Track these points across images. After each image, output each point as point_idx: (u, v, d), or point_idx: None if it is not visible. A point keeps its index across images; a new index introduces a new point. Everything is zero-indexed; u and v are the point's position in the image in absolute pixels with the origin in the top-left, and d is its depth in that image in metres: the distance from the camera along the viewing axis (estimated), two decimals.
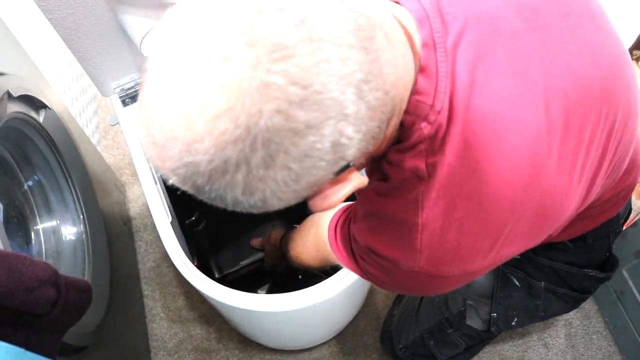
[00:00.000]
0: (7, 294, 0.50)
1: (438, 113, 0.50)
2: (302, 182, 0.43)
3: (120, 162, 1.80)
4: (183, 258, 0.92)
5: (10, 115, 0.89)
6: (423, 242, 0.55)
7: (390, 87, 0.46)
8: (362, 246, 0.63)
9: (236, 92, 0.38)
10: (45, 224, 1.12)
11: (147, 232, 1.64)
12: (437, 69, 0.50)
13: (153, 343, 1.47)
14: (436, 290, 0.65)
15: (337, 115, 0.41)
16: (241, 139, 0.39)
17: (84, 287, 0.64)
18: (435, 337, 1.15)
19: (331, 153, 0.42)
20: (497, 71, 0.51)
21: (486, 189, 0.52)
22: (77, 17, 0.88)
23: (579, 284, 0.95)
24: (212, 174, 0.41)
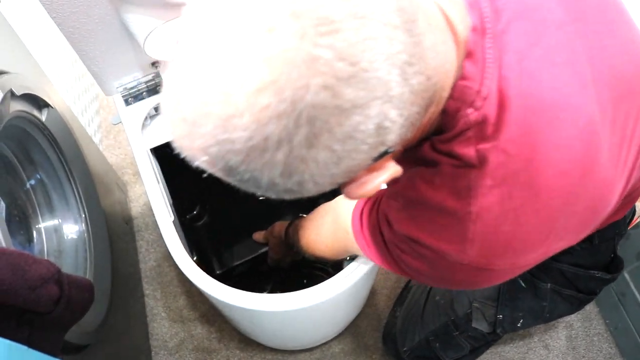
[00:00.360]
0: (10, 291, 0.51)
1: (484, 99, 0.49)
2: (341, 166, 0.41)
3: (122, 162, 1.80)
4: (185, 258, 0.92)
5: (13, 114, 0.89)
6: (476, 233, 0.53)
7: (432, 72, 0.44)
8: (401, 235, 0.61)
9: (282, 64, 0.36)
10: (47, 223, 1.12)
11: (149, 232, 1.64)
12: (484, 55, 0.49)
13: (154, 342, 1.47)
14: (480, 284, 0.62)
15: (382, 96, 0.39)
16: (285, 114, 0.37)
17: (86, 285, 0.65)
18: (441, 339, 1.15)
19: (374, 136, 0.40)
20: (547, 60, 0.50)
21: (542, 179, 0.51)
22: (80, 15, 0.89)
23: (585, 285, 0.95)
24: (250, 152, 0.39)
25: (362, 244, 0.72)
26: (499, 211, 0.51)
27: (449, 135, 0.52)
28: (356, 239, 0.73)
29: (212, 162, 0.41)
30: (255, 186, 0.43)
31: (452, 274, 0.59)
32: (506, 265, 0.56)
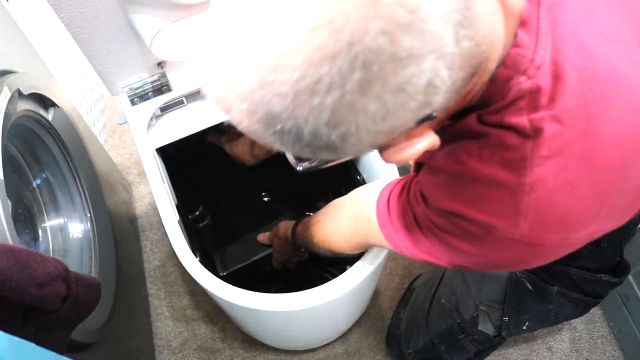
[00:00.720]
0: (18, 289, 0.51)
1: (538, 68, 0.48)
2: (387, 122, 0.40)
3: (126, 162, 1.80)
4: (190, 257, 0.93)
5: (20, 113, 0.90)
6: (530, 205, 0.51)
7: (481, 40, 0.44)
8: (442, 211, 0.58)
9: (341, 3, 0.35)
10: (52, 222, 1.12)
11: (153, 231, 1.65)
12: (538, 25, 0.48)
13: (157, 342, 1.47)
14: (525, 263, 0.59)
15: (437, 51, 0.38)
16: (341, 56, 0.35)
17: (93, 284, 0.65)
18: (446, 342, 1.14)
19: (423, 93, 0.39)
20: (599, 35, 0.49)
21: (597, 152, 0.49)
22: (88, 15, 0.89)
23: (592, 289, 0.95)
24: (298, 95, 0.37)
25: (389, 232, 0.69)
26: (554, 183, 0.50)
27: (499, 106, 0.50)
28: (382, 227, 0.71)
29: (251, 111, 0.39)
30: (295, 139, 0.40)
31: (499, 251, 0.56)
32: (558, 241, 0.54)
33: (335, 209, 0.91)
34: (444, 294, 1.15)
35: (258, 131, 0.41)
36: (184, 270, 1.55)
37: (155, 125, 1.15)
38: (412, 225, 0.64)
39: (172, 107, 1.15)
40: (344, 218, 0.86)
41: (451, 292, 1.13)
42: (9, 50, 0.97)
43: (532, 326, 1.04)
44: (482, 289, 1.04)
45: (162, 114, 1.16)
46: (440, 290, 1.17)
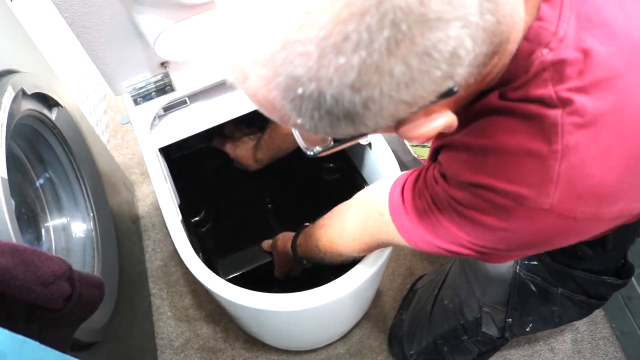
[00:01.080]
0: (23, 287, 0.51)
1: (560, 41, 0.48)
2: (410, 91, 0.39)
3: (129, 161, 1.81)
4: (193, 257, 0.93)
5: (23, 113, 0.90)
6: (561, 173, 0.50)
7: (502, 18, 0.43)
8: (466, 184, 0.56)
9: None
10: (55, 221, 1.13)
11: (155, 231, 1.65)
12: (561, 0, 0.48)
13: (160, 341, 1.47)
14: (555, 240, 0.57)
15: (463, 19, 0.38)
16: (370, 13, 0.34)
17: (96, 283, 0.65)
18: (449, 343, 1.14)
19: (447, 63, 0.39)
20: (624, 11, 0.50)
21: (629, 125, 0.49)
22: (92, 15, 0.89)
23: (596, 291, 0.94)
24: (324, 55, 0.36)
25: (403, 223, 0.67)
26: (586, 152, 0.49)
27: (522, 81, 0.50)
28: (395, 219, 0.68)
29: (271, 75, 0.38)
30: (315, 105, 0.39)
31: (528, 224, 0.54)
32: (589, 215, 0.52)
33: (342, 211, 0.89)
34: (447, 296, 1.15)
35: (276, 99, 0.40)
36: (186, 270, 1.56)
37: (158, 125, 1.15)
38: (430, 208, 0.62)
39: (175, 107, 1.16)
40: (351, 218, 0.84)
41: (454, 294, 1.13)
42: (13, 49, 0.97)
43: (535, 328, 1.04)
44: (486, 290, 1.04)
45: (165, 114, 1.16)
46: (443, 292, 1.17)
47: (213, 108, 1.18)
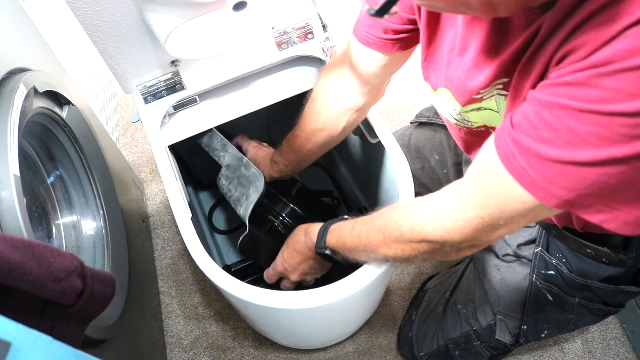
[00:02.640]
0: (36, 283, 0.51)
1: None
2: None
3: (139, 160, 1.81)
4: (203, 255, 0.93)
5: (35, 111, 0.91)
6: None
7: None
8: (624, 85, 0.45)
9: None
10: (66, 219, 1.13)
11: (165, 230, 1.65)
12: None
13: (169, 340, 1.48)
14: None
15: None
16: None
17: (108, 279, 0.65)
18: (462, 348, 1.14)
19: None
20: None
21: None
22: (104, 14, 0.90)
23: (613, 299, 0.94)
24: None
25: (526, 161, 0.54)
26: None
27: None
28: (511, 163, 0.56)
29: None
30: None
31: None
32: None
33: (428, 197, 0.73)
34: (460, 300, 1.14)
35: None
36: (195, 268, 1.56)
37: (169, 124, 1.16)
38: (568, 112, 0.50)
39: (185, 106, 1.16)
40: (448, 189, 0.69)
41: (469, 299, 1.12)
42: (25, 48, 0.98)
43: (550, 334, 1.03)
44: (501, 298, 1.04)
45: (175, 112, 1.16)
46: (457, 296, 1.17)
47: (223, 106, 1.18)
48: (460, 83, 0.74)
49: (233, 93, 1.20)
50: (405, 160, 1.04)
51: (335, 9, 2.17)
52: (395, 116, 1.91)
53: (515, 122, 0.56)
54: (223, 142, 1.18)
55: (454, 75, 0.74)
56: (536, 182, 0.54)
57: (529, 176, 0.55)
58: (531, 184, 0.55)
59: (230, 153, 1.16)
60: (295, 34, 1.15)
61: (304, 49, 1.17)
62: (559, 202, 0.54)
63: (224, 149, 1.17)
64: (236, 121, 1.18)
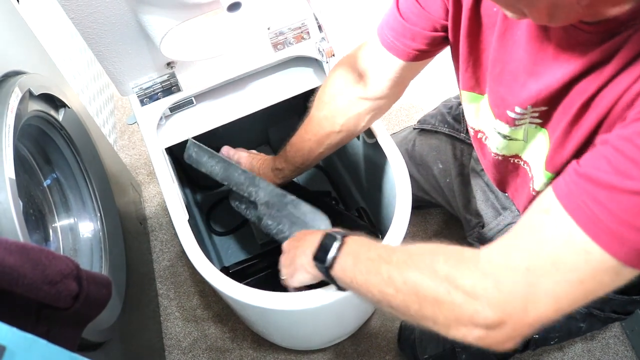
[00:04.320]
0: (31, 286, 0.51)
1: None
2: None
3: (136, 162, 1.81)
4: (200, 256, 0.93)
5: (30, 114, 0.91)
6: None
7: None
8: None
9: None
10: (63, 222, 1.13)
11: (162, 232, 1.65)
12: None
13: (167, 341, 1.48)
14: None
15: None
16: None
17: (104, 282, 0.65)
18: (469, 352, 1.13)
19: None
20: None
21: None
22: (98, 16, 0.90)
23: (623, 308, 0.94)
24: None
25: (593, 197, 0.48)
26: None
27: None
28: (571, 204, 0.49)
29: None
30: None
31: None
32: None
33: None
34: None
35: None
36: (193, 270, 1.56)
37: (165, 125, 1.16)
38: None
39: (181, 107, 1.16)
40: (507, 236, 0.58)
41: None
42: (19, 51, 0.98)
43: (559, 341, 1.04)
44: None
45: (171, 114, 1.16)
46: None
47: (219, 108, 1.18)
48: (498, 94, 0.74)
49: (229, 94, 1.19)
50: (402, 160, 1.04)
51: (330, 9, 2.17)
52: (392, 116, 1.91)
53: (582, 161, 0.51)
54: (248, 176, 1.04)
55: (495, 85, 0.74)
56: (601, 222, 0.47)
57: (593, 215, 0.47)
58: (594, 224, 0.47)
59: (263, 188, 1.03)
60: (290, 34, 1.15)
61: (300, 49, 1.17)
62: (628, 252, 0.46)
63: (252, 183, 1.03)
64: (233, 123, 1.18)
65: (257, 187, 1.04)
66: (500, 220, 1.06)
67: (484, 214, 1.10)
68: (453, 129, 1.21)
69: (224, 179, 1.07)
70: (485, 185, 1.10)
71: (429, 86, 1.94)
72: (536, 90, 0.64)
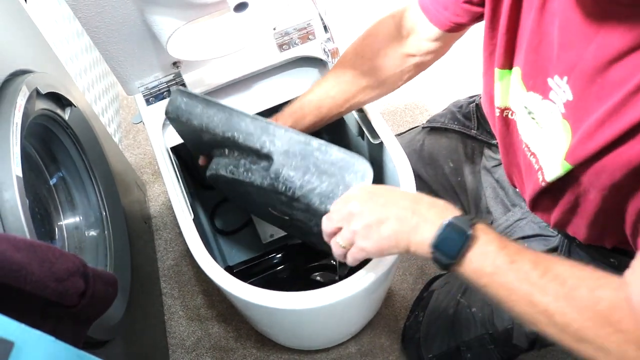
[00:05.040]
0: (39, 283, 0.51)
1: None
2: None
3: (140, 161, 1.82)
4: (205, 256, 0.93)
5: (37, 112, 0.91)
6: None
7: None
8: None
9: None
10: (68, 220, 1.14)
11: (167, 231, 1.66)
12: None
13: (171, 340, 1.48)
14: None
15: None
16: None
17: (110, 279, 0.66)
18: (474, 351, 1.12)
19: None
20: None
21: None
22: (105, 16, 0.90)
23: None
24: None
25: None
26: None
27: None
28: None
29: None
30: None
31: None
32: None
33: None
34: (474, 303, 1.13)
35: None
36: (198, 269, 1.56)
37: (170, 125, 1.16)
38: None
39: None
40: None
41: (484, 303, 1.11)
42: (27, 50, 0.99)
43: None
44: None
45: None
46: (470, 298, 1.15)
47: None
48: (535, 64, 0.73)
49: (234, 94, 1.20)
50: (407, 160, 1.04)
51: (336, 9, 2.17)
52: (397, 116, 1.91)
53: None
54: (260, 123, 0.85)
55: (532, 55, 0.74)
56: None
57: None
58: None
59: (280, 135, 0.83)
60: (296, 34, 1.15)
61: (305, 49, 1.17)
62: None
63: (266, 130, 0.84)
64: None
65: (271, 136, 0.84)
66: (509, 216, 1.06)
67: (494, 210, 1.10)
68: (464, 126, 1.20)
69: (227, 130, 0.87)
70: (495, 182, 1.10)
71: (434, 87, 1.94)
72: (571, 63, 0.64)
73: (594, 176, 0.66)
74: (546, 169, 0.78)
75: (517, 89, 0.80)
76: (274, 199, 0.89)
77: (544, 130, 0.76)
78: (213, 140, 0.90)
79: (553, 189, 0.79)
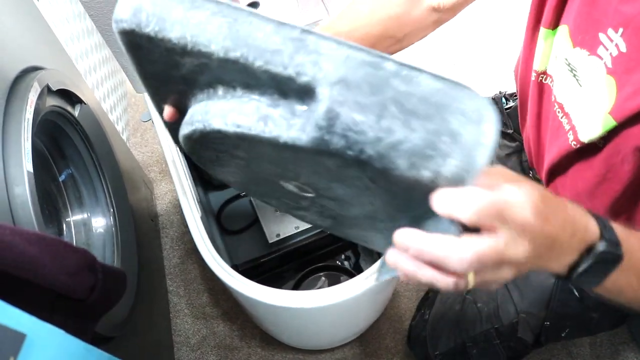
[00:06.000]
0: (50, 276, 0.52)
1: None
2: None
3: (148, 159, 1.82)
4: (213, 254, 0.93)
5: (48, 109, 0.92)
6: None
7: None
8: None
9: None
10: (76, 217, 1.14)
11: (173, 229, 1.66)
12: None
13: (176, 338, 1.49)
14: None
15: None
16: None
17: (119, 275, 0.66)
18: (480, 346, 1.12)
19: None
20: None
21: None
22: None
23: None
24: None
25: None
26: None
27: None
28: None
29: None
30: None
31: None
32: None
33: None
34: (480, 298, 1.13)
35: None
36: (203, 268, 1.57)
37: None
38: None
39: None
40: None
41: (490, 298, 1.11)
42: (39, 47, 0.99)
43: (571, 334, 1.02)
44: (524, 295, 1.03)
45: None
46: (476, 293, 1.15)
47: None
48: (589, 17, 0.72)
49: None
50: None
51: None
52: None
53: None
54: (291, 34, 0.50)
55: (587, 8, 0.72)
56: None
57: None
58: None
59: (328, 53, 0.47)
60: None
61: None
62: None
63: (303, 46, 0.48)
64: None
65: (314, 54, 0.47)
66: None
67: None
68: None
69: (232, 48, 0.49)
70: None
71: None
72: (630, 15, 0.63)
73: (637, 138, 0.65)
74: (581, 128, 0.76)
75: (562, 46, 0.79)
76: (306, 166, 0.54)
77: (584, 88, 0.74)
78: (198, 70, 0.52)
79: (583, 153, 0.77)
